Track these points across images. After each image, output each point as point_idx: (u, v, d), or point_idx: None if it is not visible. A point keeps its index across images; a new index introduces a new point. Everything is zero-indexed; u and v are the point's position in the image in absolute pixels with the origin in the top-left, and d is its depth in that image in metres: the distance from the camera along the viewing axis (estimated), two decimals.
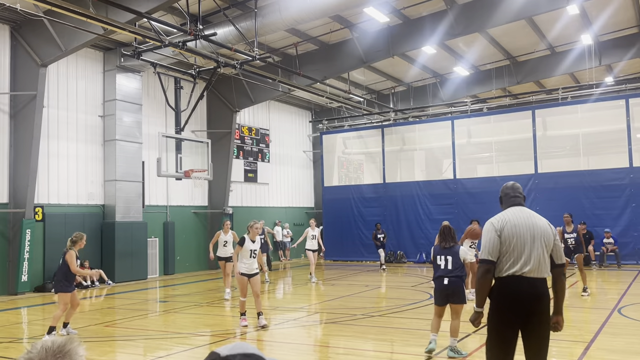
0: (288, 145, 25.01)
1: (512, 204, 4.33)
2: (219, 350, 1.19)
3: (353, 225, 22.71)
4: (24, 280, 14.03)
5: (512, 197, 4.36)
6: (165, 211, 18.81)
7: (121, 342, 8.65)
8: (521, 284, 3.99)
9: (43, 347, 1.26)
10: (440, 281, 6.94)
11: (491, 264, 4.07)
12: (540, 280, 4.03)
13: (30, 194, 14.12)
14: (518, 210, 4.26)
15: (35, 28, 14.02)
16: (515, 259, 4.03)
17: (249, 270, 9.23)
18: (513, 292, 4.01)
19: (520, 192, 4.39)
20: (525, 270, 4.00)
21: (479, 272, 4.11)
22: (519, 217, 4.17)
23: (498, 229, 4.12)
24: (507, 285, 4.03)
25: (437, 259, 7.03)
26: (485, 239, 4.15)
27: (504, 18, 15.90)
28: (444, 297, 6.95)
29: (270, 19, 14.42)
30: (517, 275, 4.00)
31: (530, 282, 4.00)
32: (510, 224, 4.12)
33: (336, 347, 8.03)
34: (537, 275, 4.02)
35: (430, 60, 21.37)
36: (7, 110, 14.48)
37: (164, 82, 16.25)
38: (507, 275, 4.03)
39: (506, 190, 4.44)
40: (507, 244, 4.06)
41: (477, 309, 4.21)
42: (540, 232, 4.09)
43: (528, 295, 3.99)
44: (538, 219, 4.19)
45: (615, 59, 20.71)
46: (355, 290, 13.86)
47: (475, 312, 4.22)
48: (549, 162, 19.73)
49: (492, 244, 4.09)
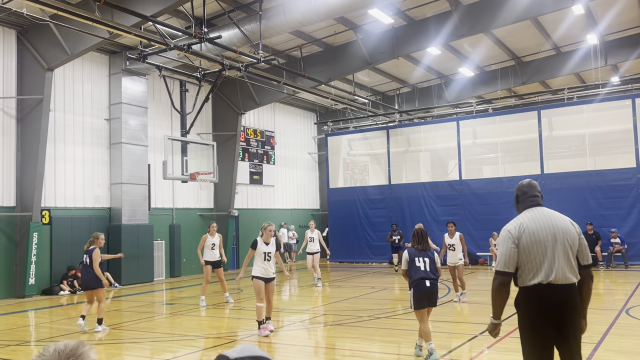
0: (293, 147, 25.03)
1: (530, 205, 3.99)
2: (227, 353, 1.19)
3: (359, 227, 22.69)
4: (31, 283, 14.09)
5: (530, 197, 4.02)
6: (171, 214, 18.86)
7: (128, 345, 8.67)
8: (548, 293, 3.72)
9: (56, 350, 1.27)
10: (423, 283, 6.79)
11: (507, 275, 3.79)
12: (568, 286, 3.75)
13: (37, 197, 14.19)
14: (537, 212, 3.92)
15: (41, 32, 14.11)
16: (538, 268, 3.75)
17: (266, 274, 8.87)
18: (541, 302, 3.74)
19: (539, 191, 4.05)
20: (552, 279, 3.72)
21: (494, 285, 3.84)
22: (538, 221, 3.85)
23: (515, 237, 3.81)
24: (533, 295, 3.76)
25: (416, 260, 6.89)
26: (501, 249, 3.86)
27: (509, 18, 15.87)
28: (425, 300, 6.83)
29: (275, 22, 14.45)
30: (545, 284, 3.73)
31: (558, 290, 3.72)
32: (529, 231, 3.81)
33: (342, 349, 8.02)
34: (564, 281, 3.73)
35: (435, 61, 21.34)
36: (14, 114, 14.57)
37: (170, 85, 16.31)
38: (532, 285, 3.76)
39: (523, 189, 4.07)
40: (527, 253, 3.77)
41: (494, 321, 3.92)
42: (563, 234, 3.80)
43: (557, 304, 3.72)
44: (559, 219, 3.87)
45: (621, 59, 20.62)
46: (361, 292, 13.84)
47: (493, 324, 3.93)
48: (555, 163, 19.66)
49: (509, 255, 3.80)
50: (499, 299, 3.82)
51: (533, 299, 3.76)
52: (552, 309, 3.72)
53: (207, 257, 12.33)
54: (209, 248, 12.37)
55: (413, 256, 6.95)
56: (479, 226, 20.00)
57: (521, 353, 3.93)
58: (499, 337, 7.98)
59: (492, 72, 22.56)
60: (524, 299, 3.81)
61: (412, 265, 6.91)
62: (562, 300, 3.73)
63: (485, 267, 19.24)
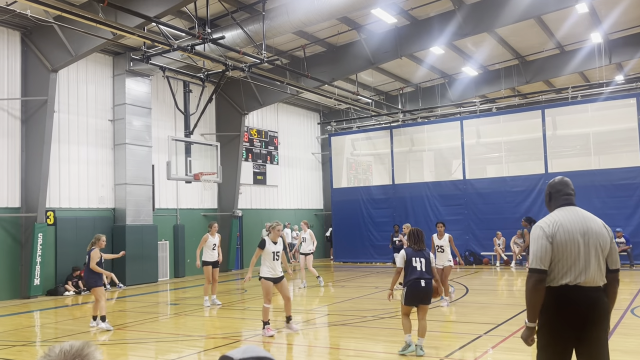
0: (297, 147, 25.04)
1: (563, 203, 3.83)
2: (230, 353, 1.19)
3: (362, 227, 22.68)
4: (36, 284, 14.14)
5: (563, 196, 3.86)
6: (175, 214, 18.90)
7: (132, 345, 8.69)
8: (576, 295, 3.61)
9: (62, 351, 1.28)
10: (418, 283, 7.02)
11: (543, 273, 3.62)
12: (595, 289, 3.66)
13: (42, 198, 14.24)
14: (571, 211, 3.78)
15: (45, 34, 14.16)
16: (568, 268, 3.63)
17: (274, 273, 8.79)
18: (567, 304, 3.61)
19: (572, 189, 3.88)
20: (580, 281, 3.61)
21: (529, 283, 3.66)
22: (572, 220, 3.71)
23: (550, 235, 3.67)
24: (559, 296, 3.63)
25: (413, 260, 7.10)
26: (535, 245, 3.69)
27: (513, 17, 15.83)
28: (418, 299, 7.07)
29: (278, 22, 14.46)
30: (572, 286, 3.61)
31: (585, 292, 3.62)
32: (563, 229, 3.68)
33: (347, 349, 8.02)
34: (592, 284, 3.64)
35: (438, 61, 21.31)
36: (19, 116, 14.62)
37: (173, 86, 16.34)
38: (559, 286, 3.63)
39: (556, 186, 3.90)
40: (560, 252, 3.65)
41: (529, 324, 3.69)
42: (596, 237, 3.68)
43: (584, 306, 3.61)
44: (593, 221, 3.75)
45: (625, 57, 20.55)
46: (365, 292, 13.84)
47: (528, 328, 3.70)
48: (560, 162, 19.61)
49: (544, 252, 3.64)
50: (536, 297, 3.64)
51: (559, 300, 3.63)
52: (576, 311, 3.60)
53: (207, 258, 12.21)
54: (209, 248, 12.26)
55: (410, 256, 7.16)
56: (483, 226, 19.96)
57: (525, 353, 3.89)
58: (504, 337, 7.98)
59: (496, 71, 22.51)
60: (548, 299, 3.65)
61: (409, 265, 7.12)
62: (589, 303, 3.62)
63: (490, 267, 19.20)
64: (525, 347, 3.90)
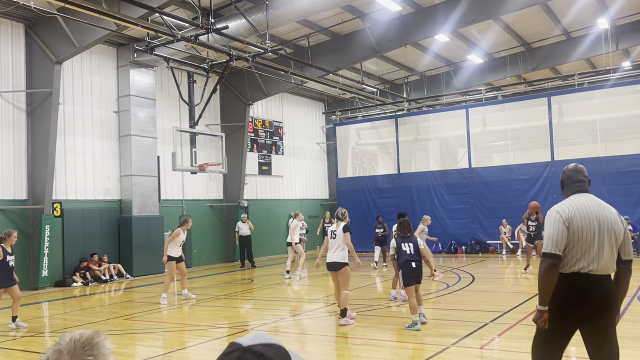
0: (301, 137, 25.00)
1: (577, 190, 3.81)
2: (239, 340, 1.19)
3: (368, 217, 22.66)
4: (44, 275, 14.25)
5: (576, 182, 3.84)
6: (181, 205, 18.95)
7: (140, 335, 8.76)
8: (586, 282, 3.59)
9: (72, 339, 1.28)
10: (409, 265, 8.17)
11: (557, 258, 3.58)
12: (606, 277, 3.64)
13: (49, 190, 14.30)
14: (586, 198, 3.75)
15: (49, 26, 14.15)
16: (582, 255, 3.59)
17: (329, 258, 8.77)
18: (577, 291, 3.59)
19: (586, 176, 3.89)
20: (592, 268, 3.58)
21: (542, 267, 3.62)
22: (588, 206, 3.68)
23: (566, 219, 3.61)
24: (570, 283, 3.60)
25: (402, 246, 8.31)
26: (551, 229, 3.64)
27: (518, 4, 15.69)
28: (412, 279, 8.14)
29: (282, 11, 14.39)
30: (583, 273, 3.58)
31: (596, 280, 3.60)
32: (580, 214, 3.63)
33: (354, 338, 8.05)
34: (603, 272, 3.62)
35: (443, 49, 21.18)
36: (24, 108, 14.66)
37: (177, 77, 16.31)
38: (571, 272, 3.61)
39: (568, 173, 3.91)
40: (575, 237, 3.59)
41: (540, 308, 3.66)
42: (610, 225, 3.65)
43: (594, 294, 3.59)
44: (608, 209, 3.73)
45: (632, 43, 20.35)
46: (372, 282, 13.87)
47: (539, 311, 3.67)
48: (566, 150, 19.48)
49: (560, 236, 3.59)
50: (548, 281, 3.60)
51: (569, 286, 3.61)
52: (584, 299, 3.59)
53: (173, 253, 11.64)
54: (177, 244, 11.70)
55: (400, 242, 8.38)
56: (489, 214, 19.92)
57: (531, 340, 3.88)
58: (510, 325, 7.98)
59: (501, 58, 22.35)
60: (559, 285, 3.62)
61: (399, 250, 8.32)
62: (599, 291, 3.60)
63: (496, 255, 19.19)
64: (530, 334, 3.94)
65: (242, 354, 1.14)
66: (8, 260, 9.05)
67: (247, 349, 1.15)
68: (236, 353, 1.14)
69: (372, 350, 7.33)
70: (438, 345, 7.02)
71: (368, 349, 7.37)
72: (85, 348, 1.27)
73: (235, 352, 1.15)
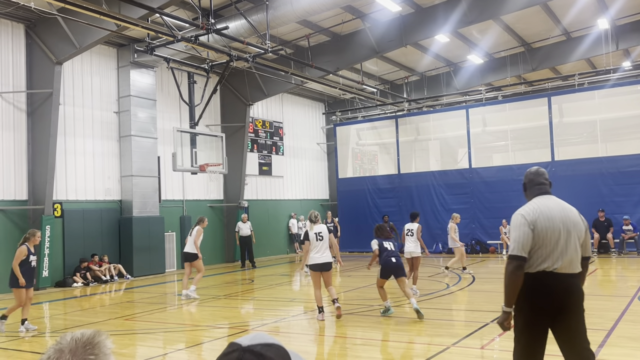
0: (302, 137, 25.01)
1: (539, 192, 3.95)
2: (239, 340, 1.19)
3: (368, 217, 22.66)
4: (45, 276, 14.25)
5: (538, 185, 3.98)
6: (181, 205, 18.96)
7: (141, 335, 8.76)
8: (553, 281, 3.71)
9: (73, 339, 1.28)
10: (390, 260, 9.07)
11: (523, 260, 3.72)
12: (571, 275, 3.77)
13: (49, 190, 14.31)
14: (549, 199, 3.89)
15: (49, 26, 14.16)
16: (548, 254, 3.72)
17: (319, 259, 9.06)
18: (545, 289, 3.72)
19: (546, 178, 4.03)
20: (557, 267, 3.71)
21: (508, 269, 3.74)
22: (551, 208, 3.81)
23: (531, 222, 3.75)
24: (537, 282, 3.73)
25: (383, 244, 9.32)
26: (517, 233, 3.77)
27: (518, 4, 15.69)
28: (391, 272, 9.08)
29: (282, 11, 14.40)
30: (549, 272, 3.71)
31: (562, 278, 3.72)
32: (544, 217, 3.76)
33: (353, 338, 8.05)
34: (569, 270, 3.74)
35: (443, 49, 21.18)
36: (25, 109, 14.66)
37: (178, 77, 16.31)
38: (537, 272, 3.73)
39: (531, 176, 4.05)
40: (541, 238, 3.72)
41: (505, 309, 3.80)
42: (573, 224, 3.79)
43: (560, 292, 3.72)
44: (570, 210, 3.86)
45: (633, 43, 20.35)
46: (372, 282, 13.84)
47: (504, 313, 3.81)
48: (566, 150, 19.48)
49: (525, 239, 3.72)
50: (514, 283, 3.73)
51: (536, 286, 3.73)
52: (553, 296, 3.71)
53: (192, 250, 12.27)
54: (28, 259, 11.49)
55: (382, 241, 9.43)
56: (489, 214, 19.91)
57: None
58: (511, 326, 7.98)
59: (502, 59, 22.35)
60: (526, 285, 3.74)
61: (381, 248, 9.30)
62: (564, 288, 3.72)
63: (496, 255, 19.18)
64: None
65: (241, 354, 1.14)
66: (31, 261, 9.00)
67: (247, 348, 1.15)
68: (236, 353, 1.15)
69: (373, 350, 7.33)
70: (439, 345, 7.02)
71: (368, 349, 7.37)
72: (86, 347, 1.27)
73: (235, 352, 1.15)
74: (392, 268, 8.98)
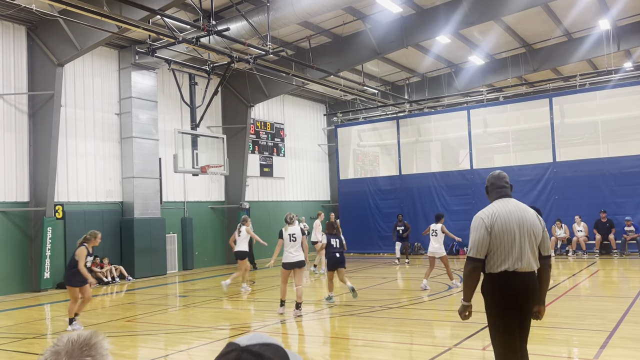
0: (303, 139, 25.01)
1: (499, 196, 4.21)
2: (237, 340, 1.19)
3: (370, 218, 22.66)
4: (46, 277, 14.26)
5: (499, 188, 4.24)
6: (182, 207, 18.96)
7: (142, 337, 8.76)
8: (514, 280, 3.99)
9: (69, 340, 1.28)
10: (334, 255, 10.62)
11: (479, 262, 4.03)
12: (530, 274, 4.05)
13: (50, 192, 14.32)
14: (507, 202, 4.14)
15: (51, 28, 14.18)
16: (506, 256, 3.98)
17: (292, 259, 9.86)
18: (507, 288, 4.01)
19: (507, 182, 4.28)
20: (518, 267, 3.98)
21: (466, 269, 4.09)
22: (509, 210, 4.06)
23: (489, 225, 4.01)
24: (500, 282, 4.02)
25: (331, 240, 10.67)
26: (475, 235, 4.04)
27: (519, 5, 15.68)
28: (335, 265, 10.62)
29: (283, 13, 14.40)
30: (510, 272, 3.98)
31: (523, 277, 4.01)
32: (501, 220, 4.01)
33: (355, 339, 8.04)
34: (528, 270, 4.02)
35: (444, 50, 21.17)
36: (26, 110, 14.68)
37: (179, 79, 16.33)
38: (500, 272, 4.01)
39: (492, 179, 4.31)
40: (498, 241, 3.98)
41: (465, 303, 4.20)
42: (529, 226, 4.03)
43: (522, 290, 4.01)
44: (527, 211, 4.11)
45: (634, 44, 20.31)
46: (373, 283, 13.85)
47: (463, 305, 4.20)
48: (568, 150, 19.45)
49: (481, 241, 4.00)
50: (471, 282, 4.08)
51: (500, 285, 4.02)
52: (517, 293, 4.01)
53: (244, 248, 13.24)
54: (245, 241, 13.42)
55: (329, 238, 10.74)
56: None
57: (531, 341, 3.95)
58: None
59: (503, 59, 22.33)
60: (491, 284, 4.07)
61: (328, 243, 10.68)
62: (525, 285, 4.02)
63: None
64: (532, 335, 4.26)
65: (239, 354, 1.14)
66: (87, 262, 9.27)
67: (245, 348, 1.15)
68: (234, 353, 1.14)
69: (374, 351, 7.31)
70: (440, 347, 7.01)
71: (370, 350, 7.36)
72: (83, 349, 1.27)
73: (233, 352, 1.14)
74: (335, 262, 10.64)
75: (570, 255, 17.91)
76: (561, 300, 10.18)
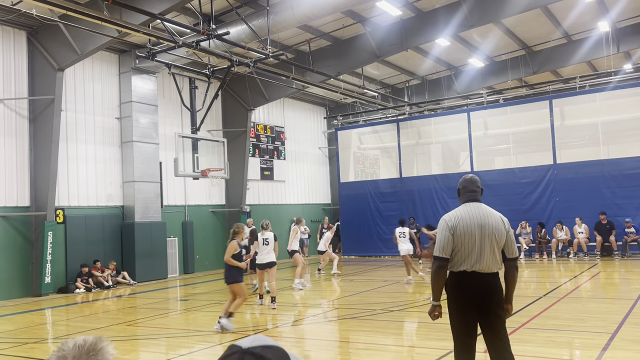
0: (303, 142, 25.03)
1: (467, 199, 4.39)
2: (239, 343, 1.19)
3: (370, 221, 22.66)
4: (47, 282, 14.25)
5: (468, 192, 4.41)
6: (183, 211, 18.96)
7: (143, 341, 8.75)
8: (472, 280, 4.18)
9: (75, 345, 1.28)
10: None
11: (444, 261, 4.22)
12: (491, 275, 4.20)
13: (51, 196, 14.33)
14: (472, 207, 4.32)
15: (51, 33, 14.21)
16: (466, 256, 4.18)
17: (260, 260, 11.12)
18: (465, 287, 4.20)
19: (478, 186, 4.45)
20: (476, 268, 4.17)
21: (433, 268, 4.29)
22: (472, 214, 4.25)
23: (451, 227, 4.22)
24: (459, 280, 4.23)
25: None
26: (439, 236, 4.26)
27: (519, 7, 15.71)
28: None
29: (283, 16, 14.43)
30: (469, 272, 4.18)
31: (481, 277, 4.18)
32: (463, 222, 4.21)
33: (356, 343, 8.03)
34: (487, 271, 4.18)
35: (444, 53, 21.20)
36: (27, 115, 14.70)
37: (179, 83, 16.37)
38: (459, 272, 4.22)
39: (464, 183, 4.48)
40: (459, 242, 4.19)
41: (433, 302, 4.36)
42: (492, 229, 4.19)
43: (480, 290, 4.18)
44: (491, 216, 4.27)
45: (634, 46, 20.33)
46: (374, 286, 13.84)
47: (432, 305, 4.37)
48: (568, 152, 19.46)
49: (445, 242, 4.21)
50: (437, 281, 4.27)
51: (459, 284, 4.23)
52: (474, 293, 4.19)
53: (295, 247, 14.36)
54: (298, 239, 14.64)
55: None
56: None
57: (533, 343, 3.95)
58: (513, 329, 7.95)
59: (502, 62, 22.36)
60: (451, 283, 4.28)
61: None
62: (484, 286, 4.19)
63: None
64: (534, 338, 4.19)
65: (242, 356, 1.14)
66: (242, 255, 9.77)
67: (247, 350, 1.15)
68: (236, 355, 1.15)
69: (375, 355, 7.31)
70: (441, 349, 7.00)
71: (371, 353, 7.35)
72: (90, 353, 1.27)
73: (235, 355, 1.15)
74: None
75: (572, 257, 17.90)
76: (563, 302, 10.16)
